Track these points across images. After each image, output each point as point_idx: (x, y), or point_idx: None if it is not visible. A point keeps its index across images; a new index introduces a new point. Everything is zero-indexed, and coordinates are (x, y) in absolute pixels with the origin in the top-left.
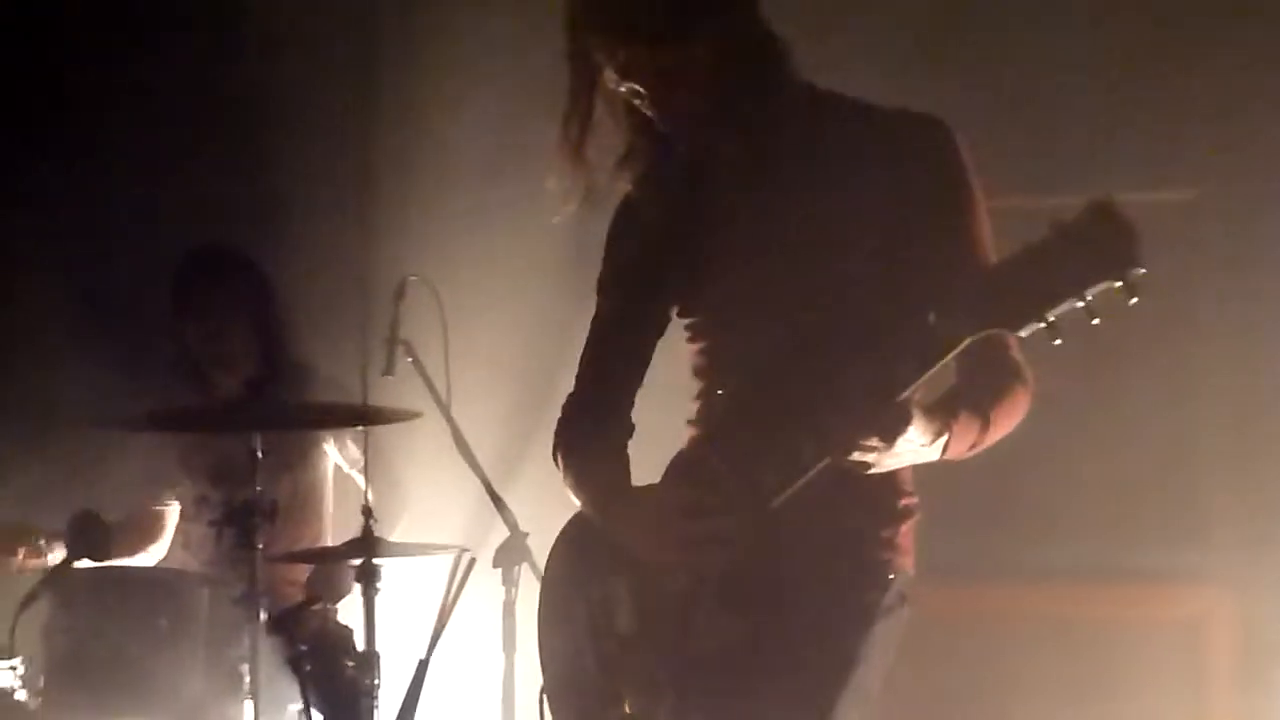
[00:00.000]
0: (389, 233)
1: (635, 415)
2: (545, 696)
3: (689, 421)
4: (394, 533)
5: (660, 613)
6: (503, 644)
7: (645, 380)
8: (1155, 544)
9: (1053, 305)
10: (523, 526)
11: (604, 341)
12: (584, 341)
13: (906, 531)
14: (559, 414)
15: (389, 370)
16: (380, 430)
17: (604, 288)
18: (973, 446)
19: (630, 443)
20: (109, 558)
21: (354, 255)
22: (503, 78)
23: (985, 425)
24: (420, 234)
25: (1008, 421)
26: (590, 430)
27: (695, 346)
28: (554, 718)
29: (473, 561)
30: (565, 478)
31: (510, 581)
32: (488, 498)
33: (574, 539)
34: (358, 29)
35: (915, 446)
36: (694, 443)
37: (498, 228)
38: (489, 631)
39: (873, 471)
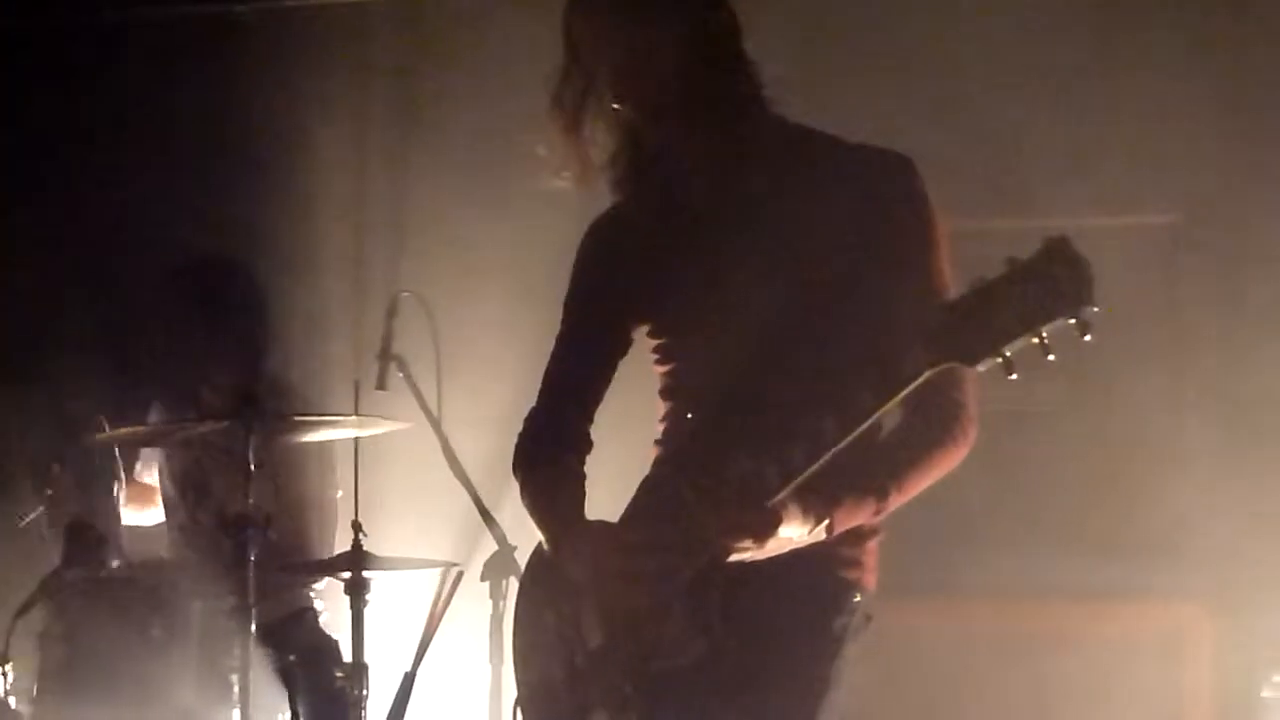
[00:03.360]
0: (382, 249)
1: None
2: (518, 708)
3: (655, 441)
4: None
5: (626, 628)
6: (489, 656)
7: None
8: (1131, 559)
9: (1008, 341)
10: (511, 540)
11: (564, 359)
12: None
13: (871, 549)
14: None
15: (382, 384)
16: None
17: (568, 306)
18: (877, 513)
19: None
20: (104, 566)
21: (347, 271)
22: (498, 94)
23: (883, 498)
24: (413, 250)
25: (925, 480)
26: (546, 448)
27: (663, 369)
28: None
29: (460, 575)
30: (522, 497)
31: (498, 595)
32: (477, 512)
33: (548, 553)
34: (355, 45)
35: (793, 539)
36: (659, 465)
37: (490, 244)
38: (476, 644)
39: (752, 555)
